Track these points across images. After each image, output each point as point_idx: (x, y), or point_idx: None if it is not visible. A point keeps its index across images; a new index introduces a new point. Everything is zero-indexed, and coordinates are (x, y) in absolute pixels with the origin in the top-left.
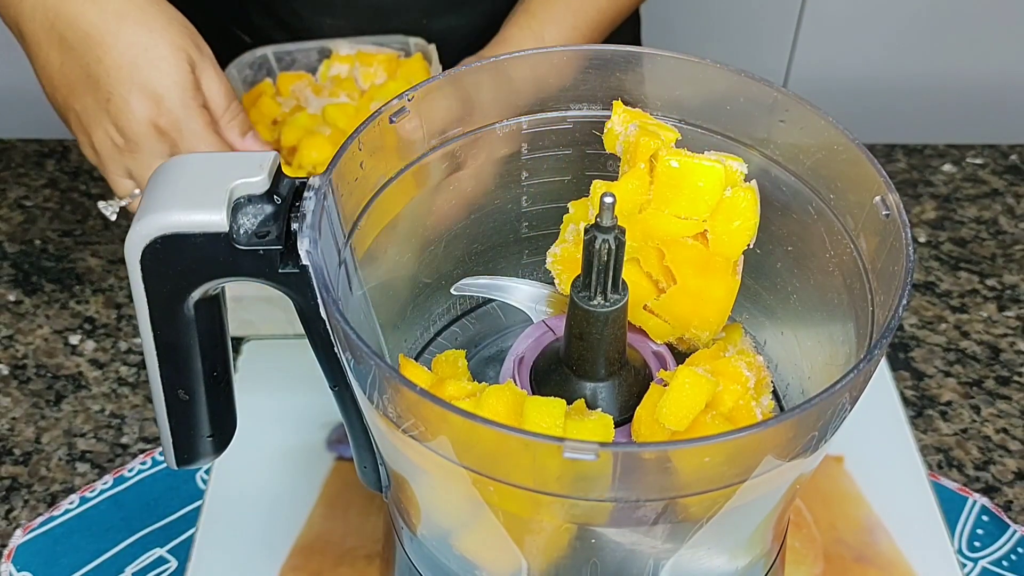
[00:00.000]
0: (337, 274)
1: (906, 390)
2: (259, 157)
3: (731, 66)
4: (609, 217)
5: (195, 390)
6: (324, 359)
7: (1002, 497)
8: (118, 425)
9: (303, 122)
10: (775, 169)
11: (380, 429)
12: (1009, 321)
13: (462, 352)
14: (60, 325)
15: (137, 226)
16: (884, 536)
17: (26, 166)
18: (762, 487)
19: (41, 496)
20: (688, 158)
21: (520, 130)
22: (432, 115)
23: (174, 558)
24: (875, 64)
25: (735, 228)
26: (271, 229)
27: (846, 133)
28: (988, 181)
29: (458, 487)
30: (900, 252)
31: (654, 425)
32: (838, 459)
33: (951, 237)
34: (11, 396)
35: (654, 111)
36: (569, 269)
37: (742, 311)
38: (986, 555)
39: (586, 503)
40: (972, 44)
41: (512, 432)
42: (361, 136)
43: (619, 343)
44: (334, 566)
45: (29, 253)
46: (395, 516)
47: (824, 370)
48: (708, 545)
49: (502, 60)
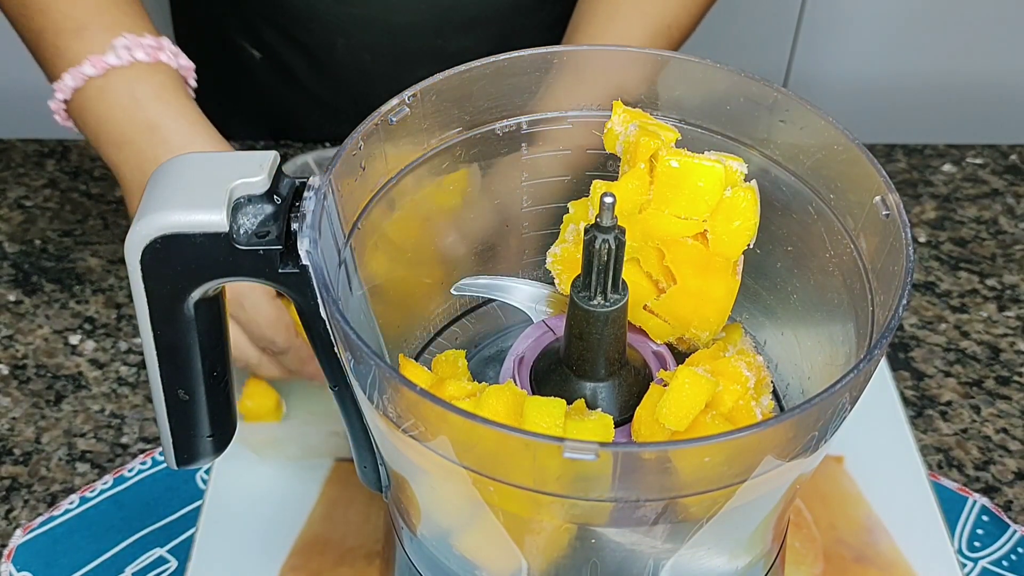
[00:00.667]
0: (337, 274)
1: (906, 390)
2: (259, 157)
3: (731, 66)
4: (609, 217)
5: (195, 390)
6: (324, 359)
7: (1002, 497)
8: (118, 425)
9: None
10: (775, 169)
11: (380, 429)
12: (1009, 321)
13: (462, 352)
14: (60, 325)
15: (137, 226)
16: (884, 536)
17: (26, 166)
18: (762, 487)
19: (41, 496)
20: (688, 158)
21: (520, 130)
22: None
23: (174, 558)
24: (875, 64)
25: (735, 228)
26: (271, 229)
27: (846, 133)
28: (988, 181)
29: (458, 487)
30: (900, 252)
31: (654, 425)
32: (838, 459)
33: (951, 237)
34: (11, 396)
35: (654, 111)
36: (569, 269)
37: (742, 311)
38: (986, 555)
39: (586, 503)
40: (972, 44)
41: (512, 432)
42: (361, 136)
43: (619, 343)
44: (334, 566)
45: (29, 253)
46: (395, 516)
47: (824, 370)
48: (708, 545)
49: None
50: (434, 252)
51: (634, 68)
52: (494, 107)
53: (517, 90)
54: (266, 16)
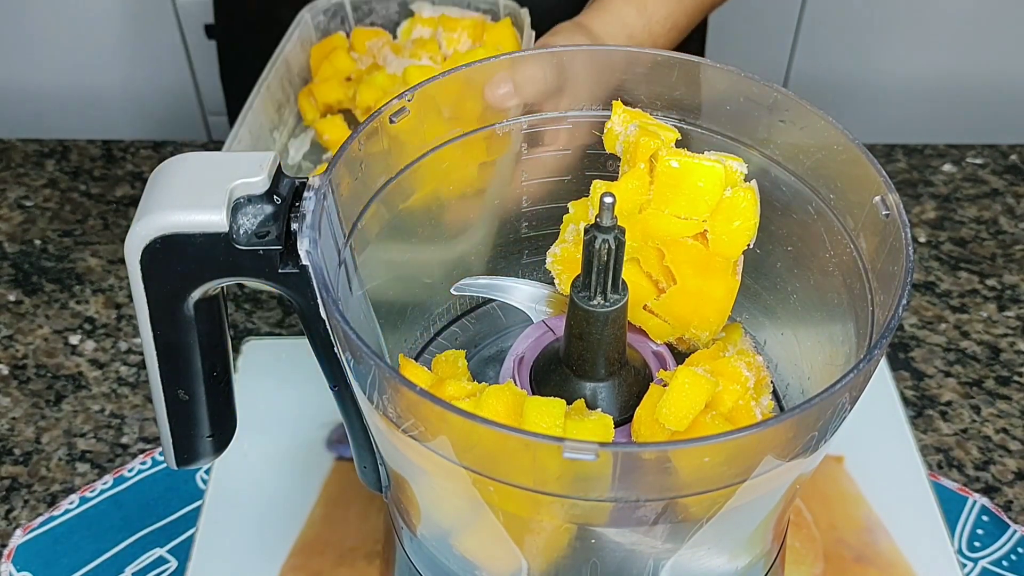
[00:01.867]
0: (337, 274)
1: (906, 390)
2: (259, 157)
3: (731, 66)
4: (609, 217)
5: (195, 390)
6: (324, 359)
7: (1002, 497)
8: (118, 425)
9: (381, 82)
10: (775, 169)
11: (380, 429)
12: (1009, 321)
13: (462, 352)
14: (60, 325)
15: (137, 226)
16: (884, 536)
17: (26, 166)
18: (762, 487)
19: (41, 496)
20: (688, 158)
21: (520, 130)
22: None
23: (174, 558)
24: (875, 64)
25: (735, 228)
26: (271, 229)
27: (846, 133)
28: (988, 181)
29: (458, 487)
30: (900, 252)
31: (654, 425)
32: (838, 459)
33: (951, 237)
34: (11, 396)
35: (654, 111)
36: (569, 269)
37: (742, 311)
38: (986, 555)
39: (586, 503)
40: (972, 44)
41: (512, 432)
42: (361, 136)
43: (619, 343)
44: (334, 566)
45: (29, 253)
46: (395, 516)
47: (824, 370)
48: (708, 545)
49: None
50: (434, 251)
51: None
52: (494, 107)
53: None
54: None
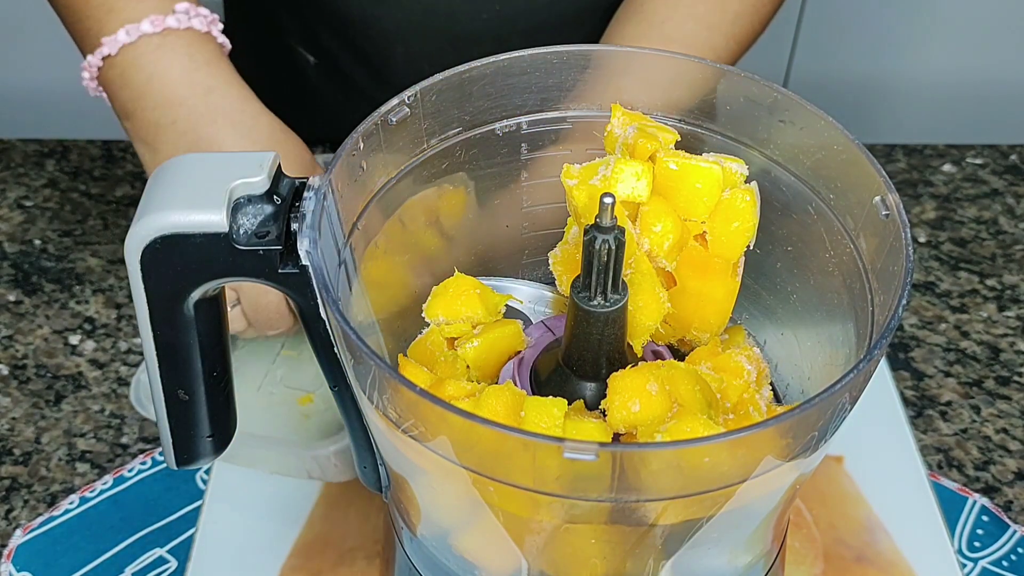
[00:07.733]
0: (337, 274)
1: (906, 390)
2: (259, 157)
3: (731, 66)
4: (609, 217)
5: (195, 390)
6: (324, 359)
7: (1002, 497)
8: (118, 425)
9: None
10: (775, 169)
11: (380, 429)
12: (1009, 321)
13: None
14: (60, 325)
15: (137, 226)
16: (884, 536)
17: (26, 166)
18: (762, 487)
19: (41, 496)
20: (686, 160)
21: (520, 130)
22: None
23: (174, 558)
24: (875, 64)
25: (734, 230)
26: (271, 229)
27: (846, 133)
28: (988, 181)
29: (458, 487)
30: (900, 252)
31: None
32: (838, 459)
33: (951, 237)
34: (11, 396)
35: (654, 111)
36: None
37: (742, 312)
38: (986, 555)
39: (586, 503)
40: (972, 44)
41: (512, 432)
42: (361, 136)
43: (619, 343)
44: (334, 566)
45: (29, 253)
46: (395, 516)
47: (824, 370)
48: (708, 545)
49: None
50: (434, 252)
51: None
52: (494, 107)
53: (517, 90)
54: (325, 22)
